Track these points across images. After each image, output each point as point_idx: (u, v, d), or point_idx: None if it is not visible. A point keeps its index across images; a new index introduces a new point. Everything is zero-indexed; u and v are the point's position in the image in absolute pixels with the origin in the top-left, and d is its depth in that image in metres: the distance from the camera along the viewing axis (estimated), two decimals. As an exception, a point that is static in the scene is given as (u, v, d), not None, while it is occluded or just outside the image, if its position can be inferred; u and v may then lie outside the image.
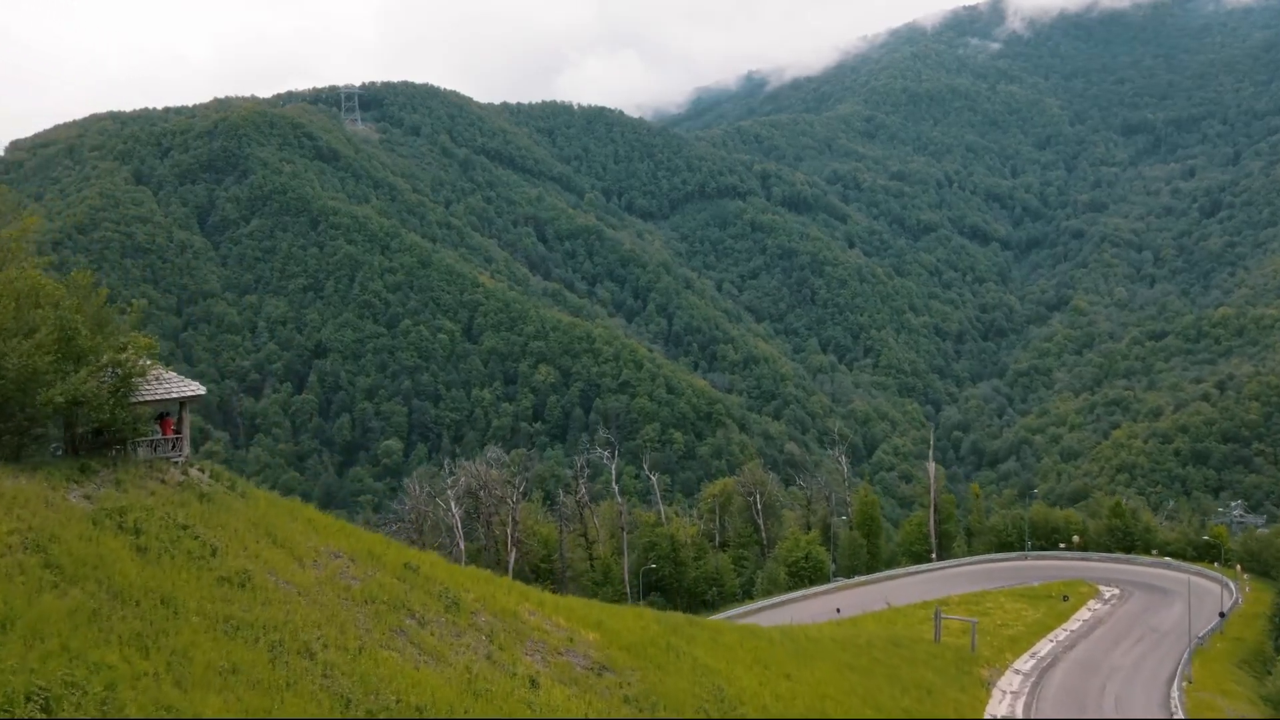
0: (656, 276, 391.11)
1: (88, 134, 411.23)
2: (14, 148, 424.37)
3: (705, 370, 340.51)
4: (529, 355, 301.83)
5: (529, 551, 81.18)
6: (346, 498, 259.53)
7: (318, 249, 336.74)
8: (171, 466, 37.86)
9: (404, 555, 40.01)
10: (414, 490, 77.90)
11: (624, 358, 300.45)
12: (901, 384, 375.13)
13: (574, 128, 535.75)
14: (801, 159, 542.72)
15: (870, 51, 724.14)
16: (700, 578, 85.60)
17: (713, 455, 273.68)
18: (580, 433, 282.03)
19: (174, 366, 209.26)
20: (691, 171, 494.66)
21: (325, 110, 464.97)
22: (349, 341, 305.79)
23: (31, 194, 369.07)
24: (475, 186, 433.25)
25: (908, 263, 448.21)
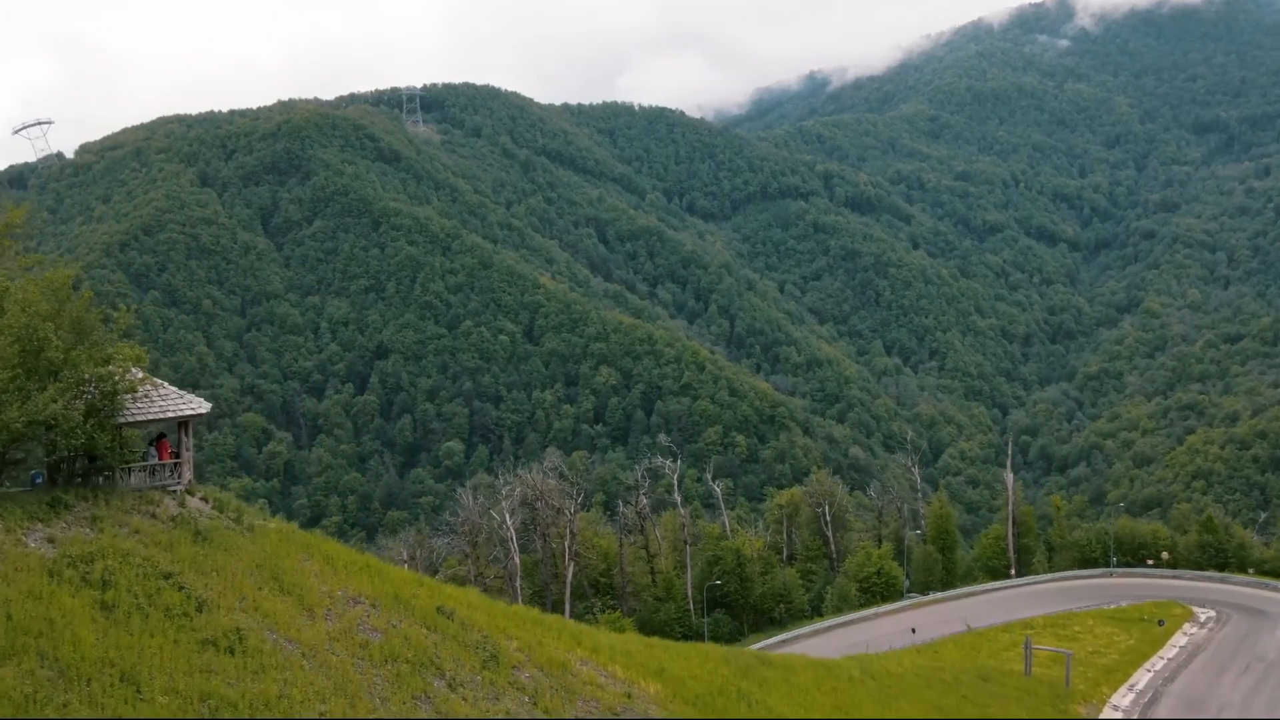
0: (718, 278, 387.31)
1: (155, 137, 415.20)
2: (83, 151, 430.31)
3: (768, 373, 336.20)
4: (590, 357, 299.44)
5: (587, 565, 77.94)
6: (407, 499, 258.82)
7: (379, 250, 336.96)
8: (167, 496, 33.81)
9: (437, 595, 35.78)
10: (467, 501, 74.92)
11: (685, 360, 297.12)
12: (968, 387, 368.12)
13: (635, 128, 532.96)
14: (865, 159, 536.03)
15: (935, 50, 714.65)
16: (767, 594, 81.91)
17: (776, 459, 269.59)
18: (641, 435, 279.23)
19: (238, 368, 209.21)
20: (753, 172, 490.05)
21: (387, 112, 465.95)
22: (410, 342, 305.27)
23: (99, 196, 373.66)
24: (536, 187, 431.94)
25: (973, 264, 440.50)
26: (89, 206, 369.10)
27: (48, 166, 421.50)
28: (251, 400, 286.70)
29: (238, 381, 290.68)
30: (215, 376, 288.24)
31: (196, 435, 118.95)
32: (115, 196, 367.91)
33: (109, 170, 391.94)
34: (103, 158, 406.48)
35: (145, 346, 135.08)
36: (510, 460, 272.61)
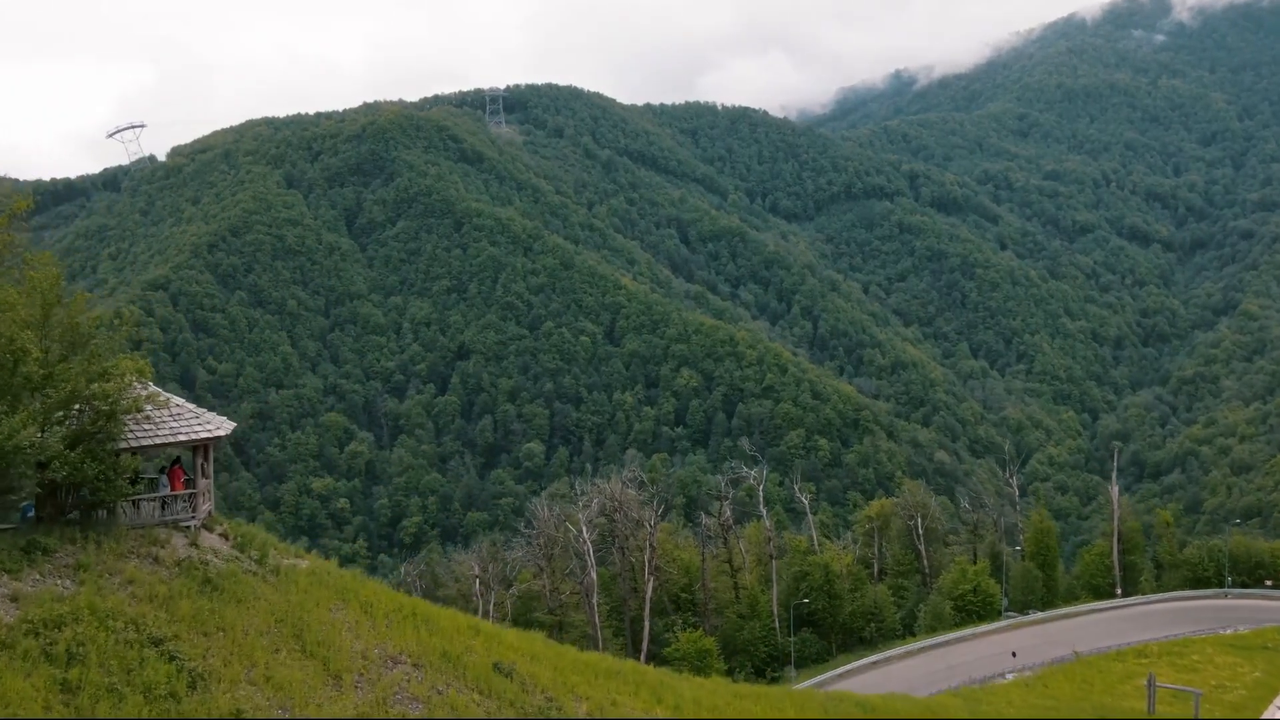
0: (801, 279, 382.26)
1: (243, 139, 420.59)
2: (174, 153, 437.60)
3: (851, 375, 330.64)
4: (671, 359, 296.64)
5: (668, 579, 74.66)
6: (487, 500, 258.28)
7: (461, 251, 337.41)
8: (178, 534, 29.55)
9: (495, 647, 31.16)
10: (543, 513, 72.11)
11: (768, 362, 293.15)
12: (1056, 391, 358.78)
13: (717, 128, 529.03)
14: (951, 159, 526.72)
15: (1024, 47, 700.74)
16: (857, 612, 78.00)
17: (859, 464, 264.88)
18: (722, 438, 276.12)
19: (321, 367, 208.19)
20: (837, 172, 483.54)
21: (470, 113, 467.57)
22: (491, 343, 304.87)
23: (189, 198, 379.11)
24: (618, 188, 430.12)
25: (1063, 265, 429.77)
26: (179, 208, 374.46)
27: (140, 169, 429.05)
28: (334, 400, 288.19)
29: (321, 381, 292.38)
30: (299, 376, 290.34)
31: (224, 460, 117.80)
32: (204, 198, 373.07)
33: (199, 172, 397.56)
34: (193, 160, 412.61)
35: (231, 346, 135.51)
36: (590, 463, 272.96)
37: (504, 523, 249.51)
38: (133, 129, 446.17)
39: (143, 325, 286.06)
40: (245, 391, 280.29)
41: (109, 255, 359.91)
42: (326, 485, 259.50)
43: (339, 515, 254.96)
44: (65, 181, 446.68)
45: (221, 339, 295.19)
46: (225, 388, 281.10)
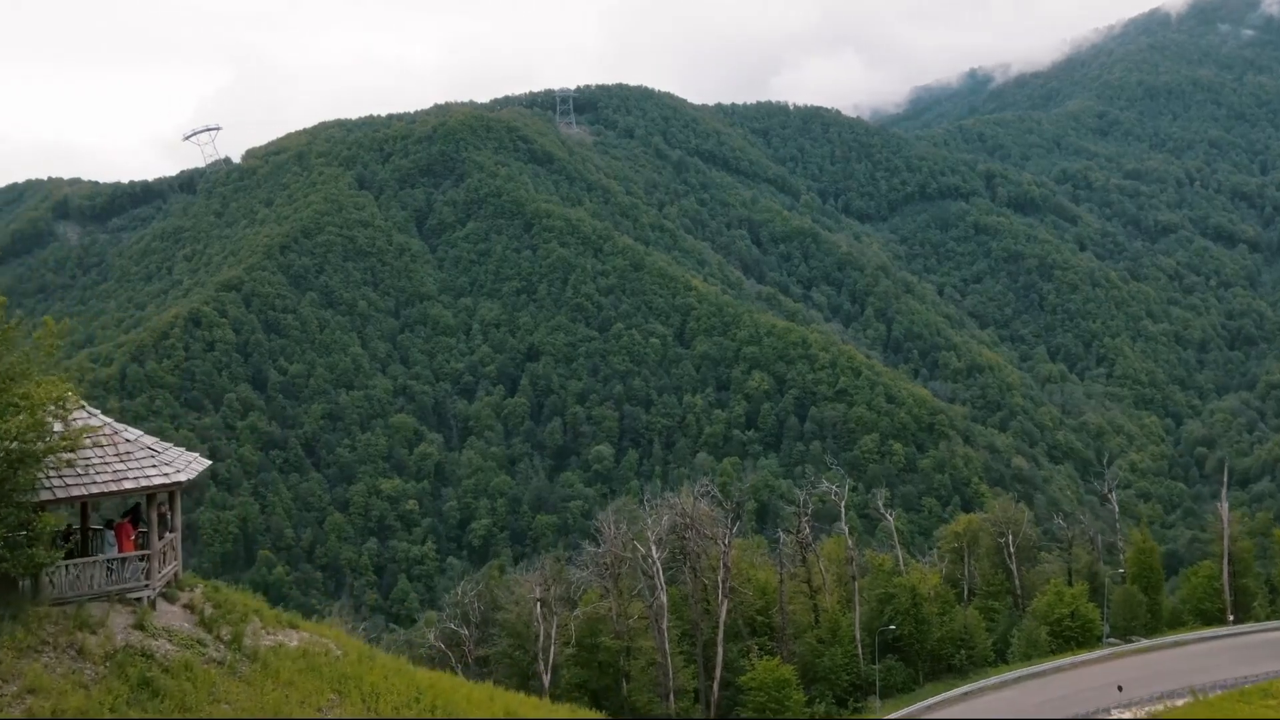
0: (874, 280, 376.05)
1: (316, 141, 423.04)
2: (249, 155, 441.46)
3: (926, 378, 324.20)
4: (742, 361, 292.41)
5: (743, 601, 70.49)
6: (556, 503, 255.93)
7: (531, 252, 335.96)
8: (122, 610, 23.80)
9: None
10: (608, 531, 68.32)
11: (841, 364, 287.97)
12: (1138, 395, 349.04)
13: (789, 128, 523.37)
14: (1028, 158, 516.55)
15: (1105, 44, 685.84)
16: (946, 638, 73.42)
17: (935, 469, 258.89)
18: (794, 442, 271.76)
19: (391, 368, 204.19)
20: (911, 172, 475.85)
21: (540, 114, 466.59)
22: (561, 345, 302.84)
23: (263, 200, 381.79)
24: (689, 189, 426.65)
25: (1144, 266, 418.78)
26: (252, 210, 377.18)
27: (215, 171, 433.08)
28: (404, 401, 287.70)
29: (390, 382, 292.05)
30: (369, 377, 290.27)
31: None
32: (277, 200, 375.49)
33: (272, 174, 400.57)
34: (266, 162, 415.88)
35: (302, 347, 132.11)
36: (660, 466, 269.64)
37: (573, 526, 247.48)
38: (208, 131, 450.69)
39: (216, 326, 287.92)
40: (316, 392, 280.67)
41: (184, 257, 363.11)
42: (396, 486, 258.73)
43: (408, 517, 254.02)
44: (143, 184, 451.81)
45: (293, 340, 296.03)
46: (296, 388, 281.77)
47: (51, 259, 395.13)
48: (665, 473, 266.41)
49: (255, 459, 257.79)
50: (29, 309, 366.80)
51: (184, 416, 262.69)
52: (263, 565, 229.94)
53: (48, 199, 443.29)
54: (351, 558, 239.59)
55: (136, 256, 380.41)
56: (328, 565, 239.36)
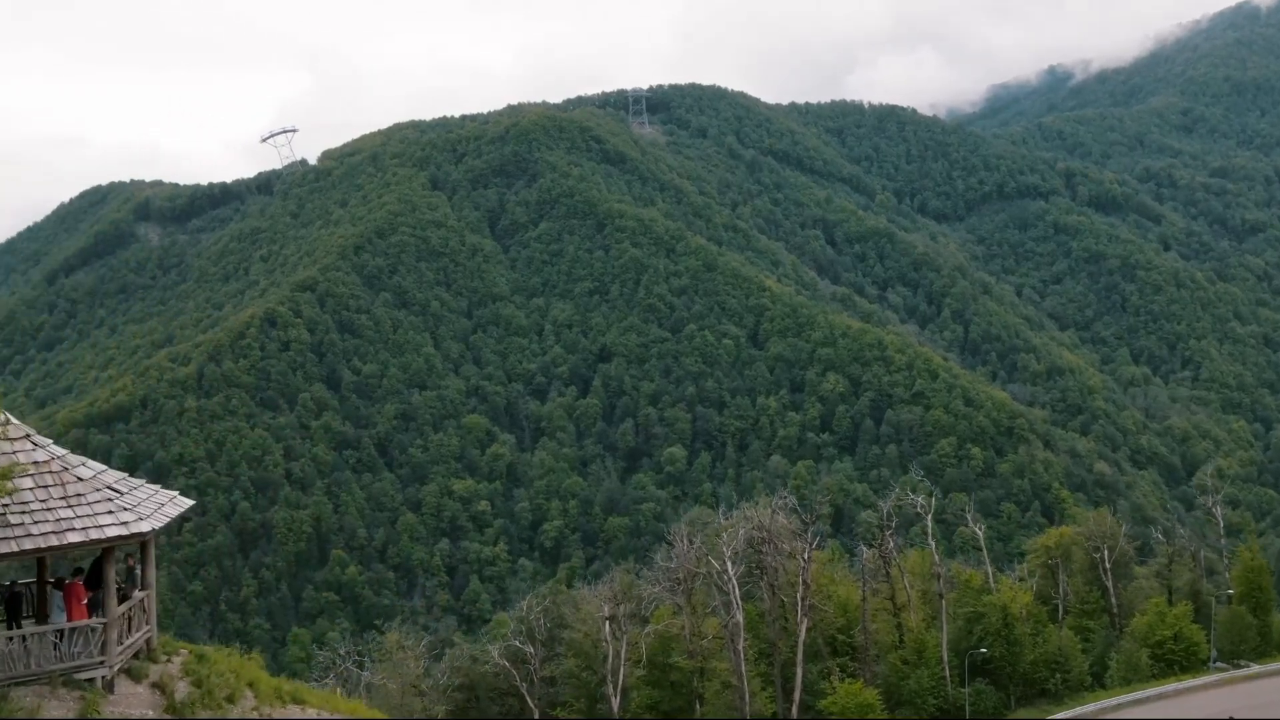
0: (951, 281, 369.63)
1: (390, 142, 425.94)
2: (324, 157, 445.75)
3: (1005, 381, 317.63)
4: (817, 362, 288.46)
5: (823, 619, 67.34)
6: (628, 505, 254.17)
7: (604, 252, 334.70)
8: (64, 695, 19.73)
9: None
10: (681, 546, 65.53)
11: (917, 367, 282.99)
12: (1225, 399, 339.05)
13: (864, 127, 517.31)
14: (1109, 156, 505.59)
15: (1189, 39, 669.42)
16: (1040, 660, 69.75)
17: (1014, 474, 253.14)
18: (870, 445, 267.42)
19: (464, 369, 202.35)
20: (989, 171, 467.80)
21: (613, 114, 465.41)
22: (633, 346, 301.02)
23: (338, 200, 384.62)
24: (762, 188, 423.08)
25: (1232, 266, 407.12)
26: (328, 211, 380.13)
27: (292, 173, 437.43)
28: (476, 402, 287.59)
29: (463, 383, 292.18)
30: (441, 378, 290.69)
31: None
32: (351, 201, 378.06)
33: (347, 175, 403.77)
34: (341, 163, 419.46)
35: (376, 347, 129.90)
36: (733, 468, 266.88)
37: (645, 528, 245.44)
38: (285, 134, 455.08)
39: (291, 326, 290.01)
40: (389, 392, 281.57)
41: (261, 257, 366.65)
42: (468, 487, 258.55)
43: (480, 517, 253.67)
44: (221, 186, 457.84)
45: (366, 340, 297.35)
46: (370, 388, 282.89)
47: (133, 259, 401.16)
48: (738, 476, 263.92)
49: (329, 458, 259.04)
50: (110, 309, 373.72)
51: (259, 416, 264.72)
52: (336, 565, 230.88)
53: (130, 201, 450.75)
54: (423, 558, 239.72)
55: (214, 257, 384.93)
56: (400, 565, 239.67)
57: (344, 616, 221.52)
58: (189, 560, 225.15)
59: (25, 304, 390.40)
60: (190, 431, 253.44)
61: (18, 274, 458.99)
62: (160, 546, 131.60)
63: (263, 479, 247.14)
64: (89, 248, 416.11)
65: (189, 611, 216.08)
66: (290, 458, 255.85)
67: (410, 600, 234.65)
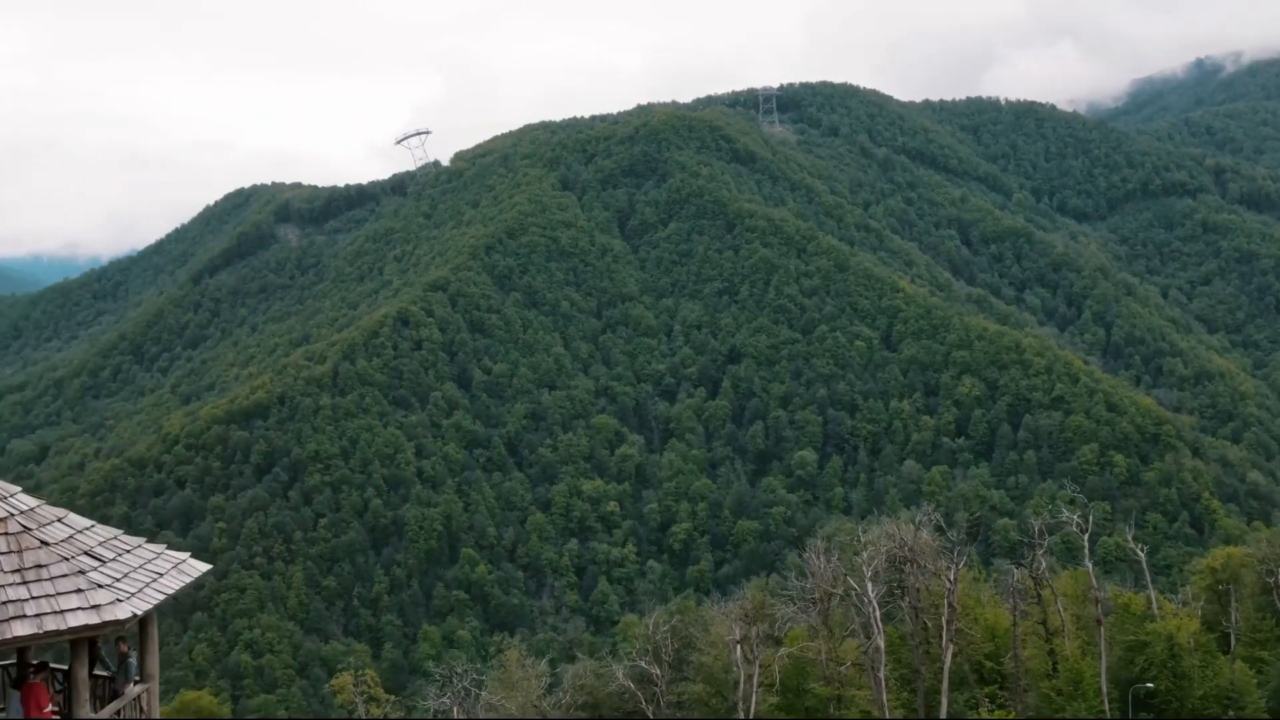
0: (1092, 282, 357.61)
1: (521, 143, 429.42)
2: (457, 158, 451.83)
3: (1149, 386, 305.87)
4: (952, 365, 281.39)
5: (970, 644, 63.46)
6: (758, 508, 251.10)
7: (733, 252, 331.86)
8: None
9: None
10: (818, 564, 62.32)
11: (1057, 370, 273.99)
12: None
13: (1001, 124, 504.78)
14: (1263, 152, 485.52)
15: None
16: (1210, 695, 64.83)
17: (1160, 482, 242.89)
18: (1007, 451, 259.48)
19: (593, 369, 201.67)
20: (1132, 168, 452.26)
21: (743, 113, 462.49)
22: (763, 347, 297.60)
23: (469, 201, 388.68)
24: (895, 187, 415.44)
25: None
26: (459, 211, 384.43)
27: (425, 174, 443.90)
28: (605, 402, 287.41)
29: (592, 383, 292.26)
30: (571, 378, 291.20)
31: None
32: (483, 201, 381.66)
33: (478, 176, 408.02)
34: (473, 164, 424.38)
35: (506, 346, 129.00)
36: (865, 473, 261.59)
37: (775, 532, 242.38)
38: (419, 135, 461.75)
39: (423, 326, 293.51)
40: (519, 392, 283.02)
41: (394, 257, 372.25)
42: (597, 487, 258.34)
43: (609, 518, 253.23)
44: (357, 187, 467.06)
45: (497, 339, 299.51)
46: (500, 388, 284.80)
47: (273, 260, 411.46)
48: (870, 480, 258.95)
49: (460, 457, 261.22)
50: (251, 308, 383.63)
51: (392, 414, 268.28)
52: (465, 563, 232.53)
53: (271, 203, 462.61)
54: (552, 558, 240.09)
55: (350, 257, 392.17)
56: (529, 565, 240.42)
57: (473, 615, 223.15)
58: (323, 556, 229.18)
59: (172, 303, 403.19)
60: (325, 429, 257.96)
61: (166, 274, 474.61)
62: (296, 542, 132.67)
63: (395, 477, 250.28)
64: (232, 248, 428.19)
65: (323, 607, 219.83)
66: (422, 456, 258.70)
67: (539, 600, 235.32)
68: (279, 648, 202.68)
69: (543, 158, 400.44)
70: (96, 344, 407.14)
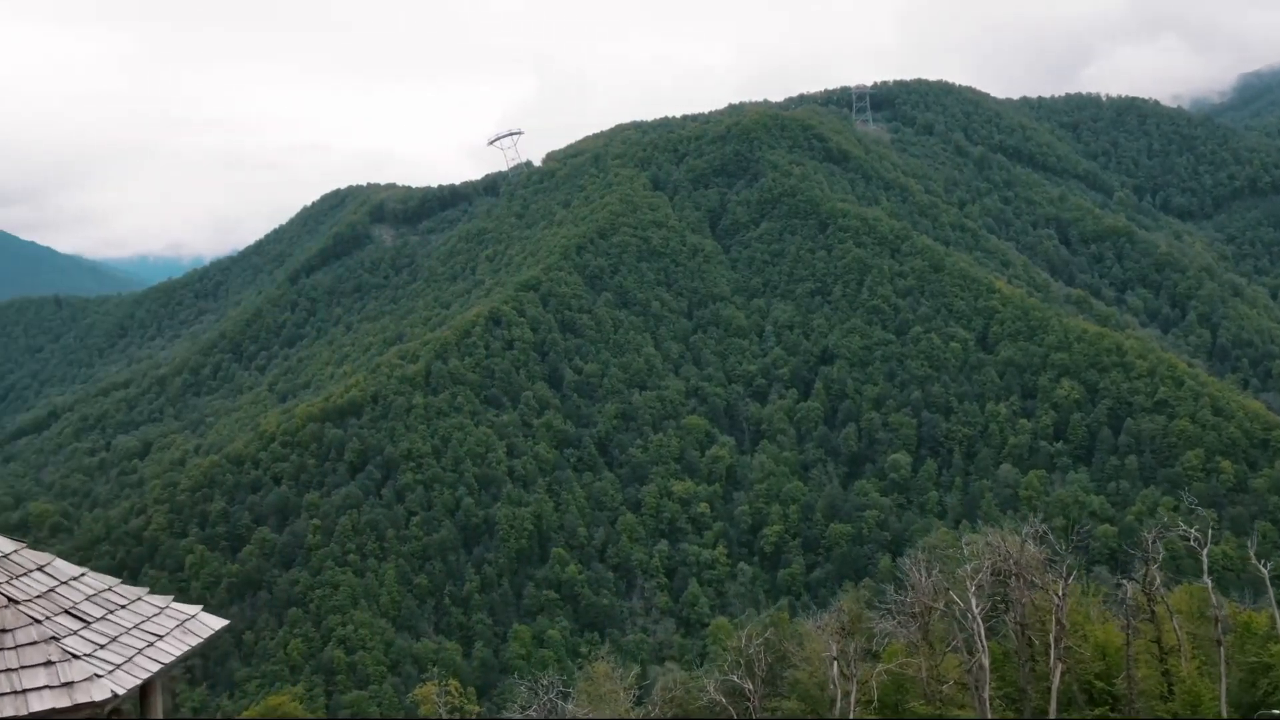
0: (1197, 283, 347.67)
1: (612, 143, 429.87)
2: (549, 158, 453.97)
3: (1258, 390, 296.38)
4: (1050, 368, 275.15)
5: (1079, 662, 60.62)
6: (850, 512, 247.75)
7: (826, 252, 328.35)
8: None
9: None
10: (918, 578, 60.01)
11: (1160, 373, 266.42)
12: None
13: (1101, 121, 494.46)
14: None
15: None
16: (1344, 724, 61.37)
17: (1270, 489, 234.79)
18: (1108, 456, 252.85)
19: (683, 369, 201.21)
20: (1240, 165, 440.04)
21: (836, 111, 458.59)
22: (856, 348, 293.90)
23: (560, 201, 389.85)
24: (991, 186, 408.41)
25: None
26: (551, 211, 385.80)
27: (517, 174, 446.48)
28: (696, 403, 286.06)
29: (683, 383, 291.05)
30: (661, 378, 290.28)
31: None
32: (574, 201, 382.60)
33: (570, 176, 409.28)
34: (565, 164, 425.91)
35: (597, 346, 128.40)
36: (960, 477, 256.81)
37: (868, 535, 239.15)
38: (511, 136, 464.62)
39: (515, 325, 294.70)
40: (609, 392, 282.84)
41: (486, 257, 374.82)
42: (687, 488, 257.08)
43: (699, 519, 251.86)
44: (450, 188, 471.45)
45: (588, 339, 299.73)
46: (591, 387, 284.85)
47: (368, 260, 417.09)
48: (965, 484, 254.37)
49: (550, 457, 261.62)
50: (346, 307, 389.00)
51: (483, 413, 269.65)
52: (556, 563, 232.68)
53: (366, 204, 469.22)
54: (642, 559, 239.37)
55: (443, 257, 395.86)
56: (619, 565, 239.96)
57: (564, 615, 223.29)
58: (415, 553, 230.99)
59: (270, 302, 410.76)
60: (418, 427, 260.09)
61: (264, 274, 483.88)
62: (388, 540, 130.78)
63: (486, 475, 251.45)
64: (328, 248, 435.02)
65: (414, 604, 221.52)
66: (513, 455, 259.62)
67: (629, 601, 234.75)
68: (371, 644, 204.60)
69: (634, 157, 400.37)
70: (197, 342, 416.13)
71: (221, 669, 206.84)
